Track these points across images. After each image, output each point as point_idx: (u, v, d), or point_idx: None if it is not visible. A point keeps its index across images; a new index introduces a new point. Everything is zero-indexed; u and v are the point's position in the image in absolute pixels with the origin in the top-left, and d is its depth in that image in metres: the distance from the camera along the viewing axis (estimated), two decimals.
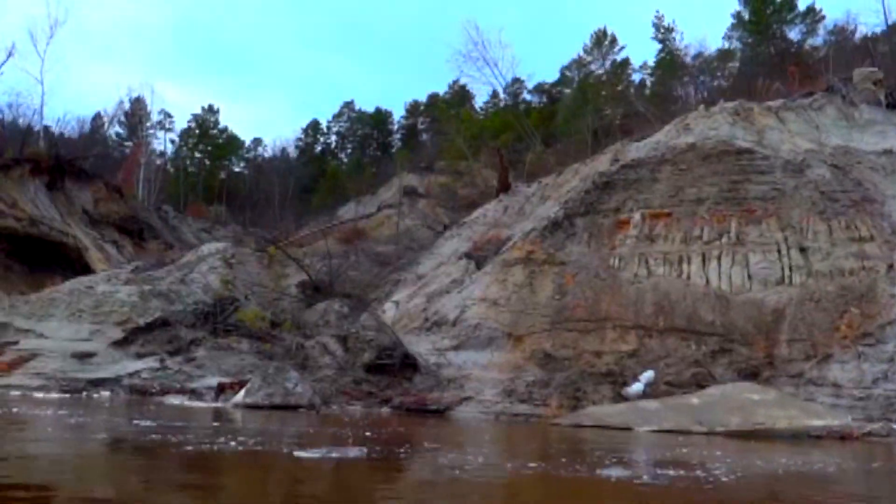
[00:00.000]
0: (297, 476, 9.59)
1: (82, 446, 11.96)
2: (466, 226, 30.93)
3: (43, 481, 8.19)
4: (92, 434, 13.34)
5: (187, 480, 8.97)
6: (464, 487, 9.07)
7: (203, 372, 23.41)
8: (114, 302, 27.31)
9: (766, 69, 60.54)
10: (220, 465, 10.39)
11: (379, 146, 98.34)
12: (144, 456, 10.80)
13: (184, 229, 68.21)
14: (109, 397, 22.00)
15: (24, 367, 24.17)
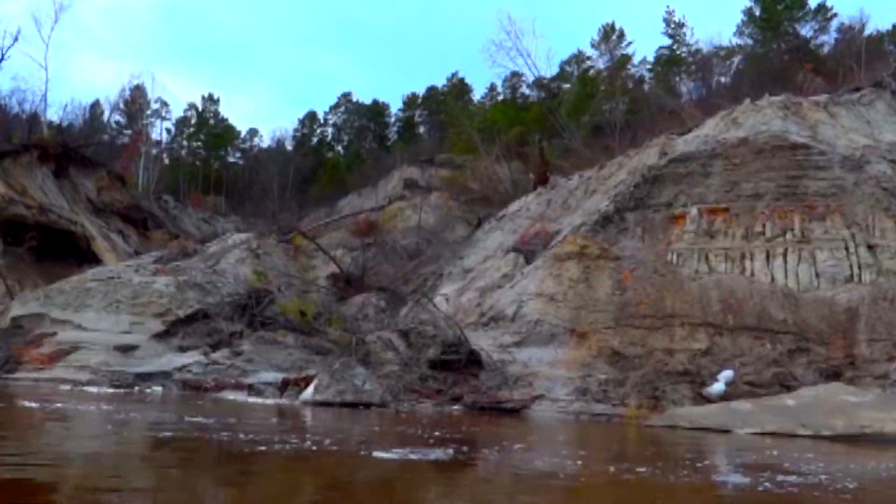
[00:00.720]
0: (386, 478, 9.05)
1: (141, 443, 11.39)
2: (507, 219, 30.26)
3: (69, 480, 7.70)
4: (152, 431, 12.79)
5: (268, 481, 8.47)
6: (573, 494, 8.59)
7: (255, 367, 22.61)
8: (151, 293, 26.43)
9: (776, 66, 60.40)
10: (299, 466, 9.85)
11: (375, 138, 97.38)
12: (218, 456, 10.31)
13: (184, 219, 67.11)
14: (162, 392, 21.09)
15: (65, 359, 23.29)
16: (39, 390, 20.02)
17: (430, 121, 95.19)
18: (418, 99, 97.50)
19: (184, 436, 11.96)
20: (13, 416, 14.24)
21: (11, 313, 25.57)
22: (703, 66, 79.21)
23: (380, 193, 73.25)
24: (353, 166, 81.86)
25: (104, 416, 14.54)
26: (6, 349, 23.75)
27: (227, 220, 72.36)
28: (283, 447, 10.84)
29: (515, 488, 8.93)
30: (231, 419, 14.69)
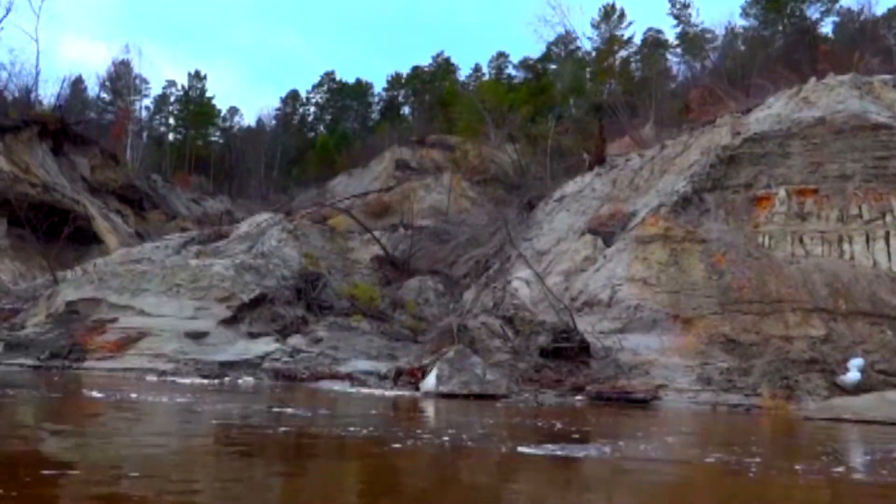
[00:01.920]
0: (546, 479, 8.25)
1: (252, 440, 10.10)
2: (570, 200, 29.17)
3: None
4: (261, 425, 11.85)
5: (422, 481, 7.84)
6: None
7: (343, 354, 21.32)
8: (212, 276, 24.94)
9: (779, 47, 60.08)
10: (445, 465, 9.02)
11: (358, 118, 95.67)
12: (352, 454, 9.45)
13: (173, 199, 64.96)
14: (253, 382, 19.71)
15: (133, 347, 21.76)
16: (117, 381, 18.63)
17: (416, 101, 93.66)
18: (402, 78, 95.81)
19: (302, 430, 11.16)
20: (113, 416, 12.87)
21: (66, 297, 23.81)
22: (692, 46, 79.02)
23: (371, 174, 71.84)
24: (341, 146, 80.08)
25: (225, 411, 13.30)
26: (67, 336, 22.11)
27: (216, 200, 70.27)
28: (414, 443, 9.98)
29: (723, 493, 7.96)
30: (350, 413, 14.16)
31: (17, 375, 19.56)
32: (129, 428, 11.15)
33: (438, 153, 69.88)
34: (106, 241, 46.88)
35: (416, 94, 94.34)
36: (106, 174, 54.64)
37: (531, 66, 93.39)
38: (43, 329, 23.39)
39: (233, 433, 10.82)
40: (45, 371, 20.47)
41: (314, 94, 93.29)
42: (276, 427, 11.28)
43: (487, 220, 36.00)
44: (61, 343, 21.82)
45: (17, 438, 9.50)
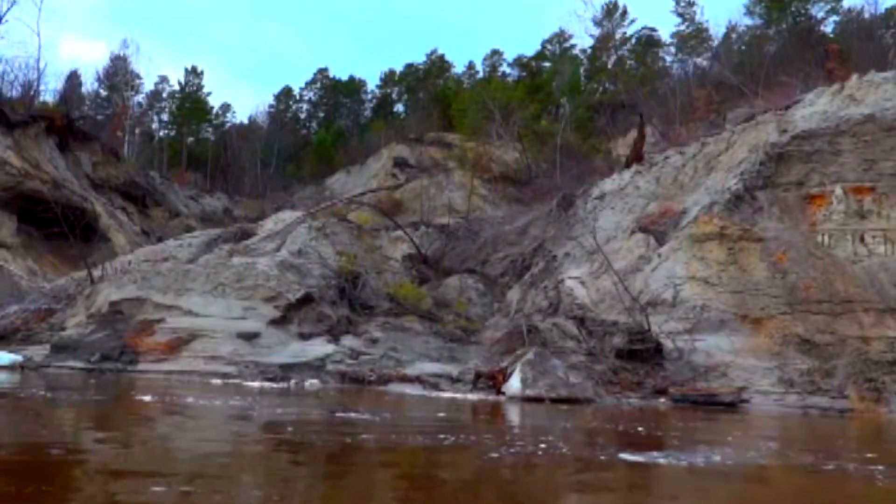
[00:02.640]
0: (661, 489, 7.91)
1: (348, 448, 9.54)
2: (613, 197, 28.65)
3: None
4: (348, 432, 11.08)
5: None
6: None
7: (407, 356, 20.65)
8: (257, 275, 24.19)
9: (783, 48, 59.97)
10: (550, 470, 8.65)
11: (351, 115, 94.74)
12: (447, 463, 8.95)
13: (171, 196, 63.82)
14: (319, 385, 19.04)
15: (185, 348, 21.02)
16: (179, 384, 17.94)
17: (410, 98, 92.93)
18: (396, 76, 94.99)
19: (385, 437, 10.74)
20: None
21: (109, 297, 22.98)
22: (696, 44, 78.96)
23: (369, 172, 71.20)
24: (338, 144, 79.22)
25: (298, 416, 12.65)
26: (116, 338, 21.31)
27: (213, 198, 69.27)
28: (511, 451, 9.60)
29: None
30: (432, 418, 13.83)
31: (68, 378, 18.83)
32: (199, 433, 10.64)
33: (437, 151, 69.37)
34: (113, 240, 45.84)
35: (410, 92, 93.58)
36: (108, 171, 53.53)
37: (525, 63, 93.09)
38: (86, 329, 22.56)
39: (314, 443, 10.21)
40: (99, 374, 19.70)
41: (307, 91, 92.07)
42: (355, 435, 10.74)
43: (516, 217, 35.39)
44: (111, 345, 21.02)
45: (70, 443, 9.01)
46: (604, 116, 64.59)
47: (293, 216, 34.82)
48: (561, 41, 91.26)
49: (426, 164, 68.58)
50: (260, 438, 10.63)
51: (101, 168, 52.88)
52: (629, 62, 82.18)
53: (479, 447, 9.94)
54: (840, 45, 56.46)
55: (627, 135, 61.41)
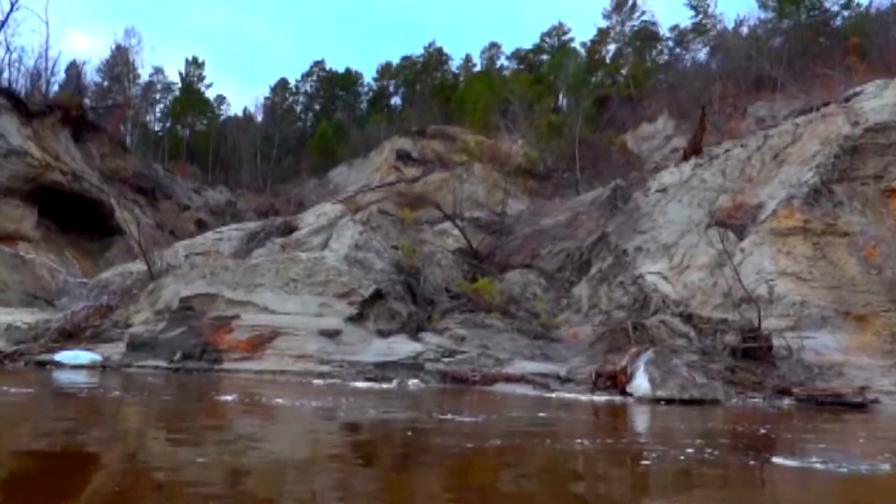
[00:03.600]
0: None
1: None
2: (679, 190, 27.91)
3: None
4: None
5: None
6: None
7: (503, 355, 19.83)
8: (327, 270, 23.32)
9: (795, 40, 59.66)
10: (712, 481, 7.94)
11: (346, 107, 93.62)
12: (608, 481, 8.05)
13: (175, 189, 62.46)
14: (420, 385, 18.21)
15: (269, 347, 20.09)
16: (275, 384, 17.09)
17: (407, 91, 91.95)
18: (392, 68, 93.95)
19: (509, 442, 10.02)
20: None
21: (179, 293, 21.98)
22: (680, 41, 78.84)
23: (371, 165, 70.34)
24: (340, 137, 78.11)
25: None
26: (194, 336, 20.35)
27: (216, 191, 67.93)
28: (658, 457, 8.89)
29: None
30: (555, 420, 13.10)
31: (154, 378, 17.90)
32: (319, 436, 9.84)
33: (439, 144, 68.61)
34: (127, 233, 44.55)
35: (408, 85, 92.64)
36: (116, 163, 52.11)
37: (524, 56, 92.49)
38: (156, 326, 21.58)
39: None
40: (184, 373, 18.76)
41: (303, 84, 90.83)
42: (482, 440, 9.97)
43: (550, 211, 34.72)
44: (190, 343, 20.08)
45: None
46: (609, 109, 64.22)
47: (333, 209, 33.86)
48: (560, 34, 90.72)
49: (429, 157, 67.83)
50: (365, 440, 9.88)
51: (110, 160, 51.47)
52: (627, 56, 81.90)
53: (624, 453, 9.26)
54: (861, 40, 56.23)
55: (637, 128, 61.10)
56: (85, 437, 9.52)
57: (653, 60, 77.00)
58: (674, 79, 64.91)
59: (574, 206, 35.11)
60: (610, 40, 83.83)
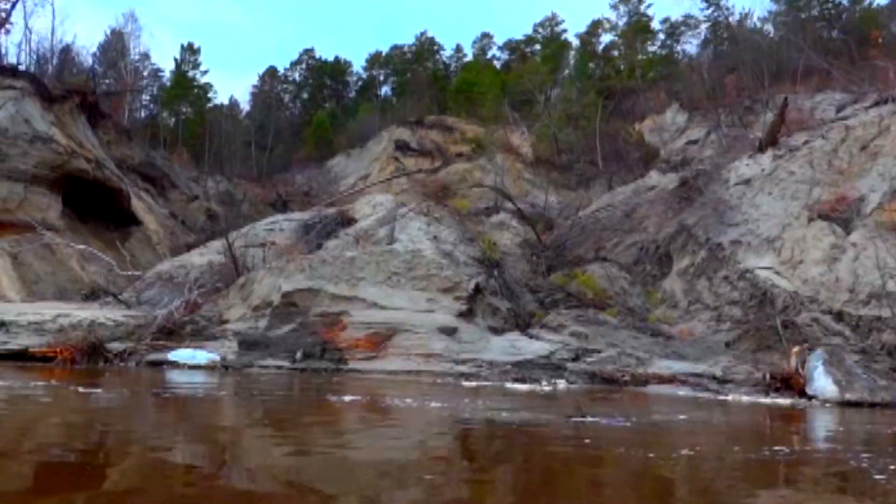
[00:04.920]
0: None
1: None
2: (766, 182, 27.07)
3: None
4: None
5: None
6: None
7: (643, 353, 18.83)
8: (427, 264, 22.16)
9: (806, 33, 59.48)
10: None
11: (335, 97, 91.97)
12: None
13: (179, 178, 60.55)
14: (567, 387, 17.15)
15: (390, 345, 18.90)
16: (413, 386, 15.96)
17: (399, 81, 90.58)
18: (381, 57, 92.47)
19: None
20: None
21: (282, 288, 20.64)
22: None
23: (370, 155, 69.15)
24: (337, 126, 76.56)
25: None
26: (308, 334, 19.07)
27: (214, 180, 65.94)
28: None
29: None
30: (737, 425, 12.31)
31: (283, 378, 16.64)
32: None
33: (438, 134, 67.72)
34: (145, 223, 42.91)
35: (398, 74, 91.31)
36: (121, 150, 50.09)
37: (515, 47, 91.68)
38: (256, 323, 20.30)
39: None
40: (313, 374, 17.49)
41: (292, 72, 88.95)
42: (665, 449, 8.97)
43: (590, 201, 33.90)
44: (308, 341, 18.83)
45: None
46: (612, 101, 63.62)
47: (386, 199, 32.65)
48: (553, 25, 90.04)
49: (428, 148, 66.86)
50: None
51: (115, 147, 49.45)
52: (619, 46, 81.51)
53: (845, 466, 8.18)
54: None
55: (645, 119, 60.53)
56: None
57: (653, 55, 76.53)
58: (685, 71, 64.43)
59: (627, 198, 34.23)
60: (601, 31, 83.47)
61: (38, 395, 12.46)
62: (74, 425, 9.68)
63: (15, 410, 10.85)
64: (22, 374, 14.96)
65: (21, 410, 10.89)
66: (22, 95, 35.93)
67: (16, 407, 11.14)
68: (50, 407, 11.35)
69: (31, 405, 11.45)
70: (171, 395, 13.52)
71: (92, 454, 7.77)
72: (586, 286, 23.53)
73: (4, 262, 31.68)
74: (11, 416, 10.23)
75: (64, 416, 10.48)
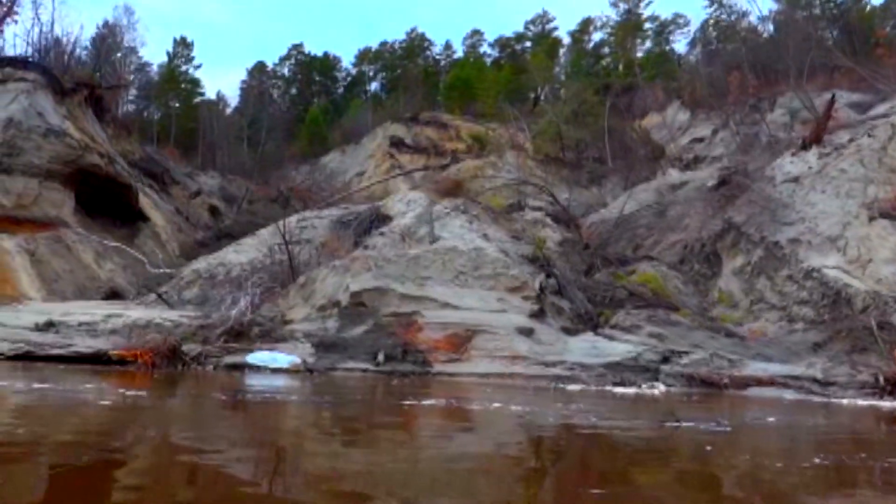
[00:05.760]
0: None
1: None
2: (817, 179, 26.71)
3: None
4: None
5: None
6: None
7: (735, 356, 18.33)
8: (492, 262, 21.53)
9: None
10: None
11: (325, 92, 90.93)
12: None
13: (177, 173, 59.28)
14: (665, 390, 16.59)
15: (471, 346, 18.22)
16: (506, 390, 15.32)
17: (388, 77, 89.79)
18: (371, 53, 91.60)
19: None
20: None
21: (350, 288, 19.88)
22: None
23: (365, 151, 68.48)
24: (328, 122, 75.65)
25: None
26: (385, 335, 18.35)
27: (208, 176, 64.72)
28: None
29: None
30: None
31: (370, 382, 15.91)
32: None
33: (433, 131, 67.30)
34: (152, 219, 41.81)
35: (387, 70, 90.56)
36: (122, 145, 48.79)
37: (505, 44, 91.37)
38: (324, 324, 19.56)
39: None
40: (401, 377, 16.77)
41: (281, 67, 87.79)
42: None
43: (645, 201, 33.40)
44: (387, 343, 18.09)
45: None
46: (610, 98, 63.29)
47: (418, 196, 31.92)
48: (544, 22, 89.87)
49: (423, 145, 66.41)
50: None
51: (117, 142, 48.16)
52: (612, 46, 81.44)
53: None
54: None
55: (645, 117, 60.31)
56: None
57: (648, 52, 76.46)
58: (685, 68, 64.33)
59: (651, 196, 33.87)
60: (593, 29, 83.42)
61: (171, 406, 11.63)
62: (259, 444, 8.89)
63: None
64: (106, 379, 14.03)
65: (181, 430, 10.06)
66: (34, 88, 34.72)
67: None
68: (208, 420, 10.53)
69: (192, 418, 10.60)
70: (287, 402, 12.70)
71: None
72: (651, 286, 22.94)
73: (23, 260, 30.55)
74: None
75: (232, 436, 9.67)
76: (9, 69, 34.58)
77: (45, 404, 10.66)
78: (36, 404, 10.61)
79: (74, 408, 10.48)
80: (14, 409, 10.12)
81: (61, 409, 10.37)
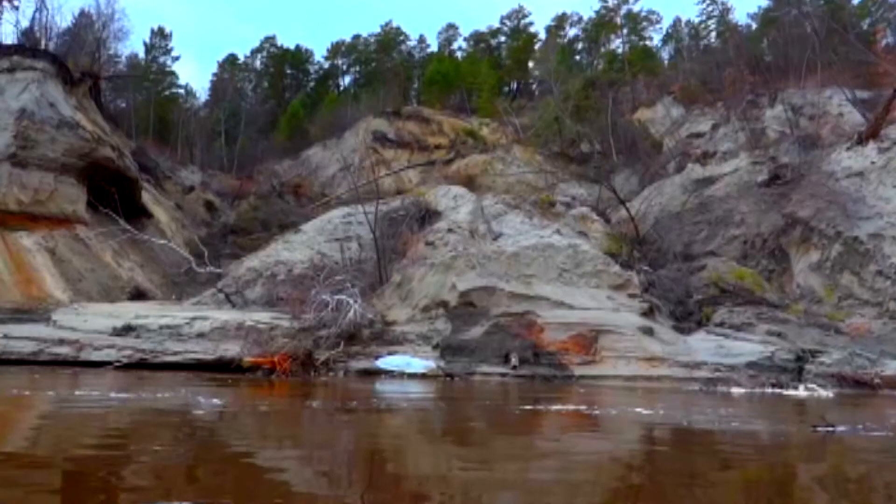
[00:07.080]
0: None
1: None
2: (884, 174, 26.34)
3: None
4: None
5: None
6: None
7: (873, 354, 17.68)
8: (592, 259, 20.57)
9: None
10: None
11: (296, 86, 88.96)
12: None
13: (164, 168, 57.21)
14: (823, 393, 15.85)
15: (600, 347, 17.26)
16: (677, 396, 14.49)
17: (360, 71, 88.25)
18: (342, 46, 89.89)
19: None
20: None
21: (458, 287, 18.79)
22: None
23: (347, 146, 67.02)
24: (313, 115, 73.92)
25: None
26: (508, 336, 17.32)
27: (188, 171, 62.61)
28: None
29: None
30: None
31: (517, 387, 14.93)
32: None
33: (415, 125, 66.22)
34: (155, 215, 40.09)
35: (360, 64, 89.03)
36: (114, 139, 46.75)
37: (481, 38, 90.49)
38: (433, 325, 18.48)
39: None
40: (543, 382, 15.80)
41: (252, 60, 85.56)
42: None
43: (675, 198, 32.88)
44: (515, 345, 17.06)
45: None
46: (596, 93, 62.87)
47: (461, 192, 30.94)
48: (519, 17, 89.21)
49: (406, 139, 65.34)
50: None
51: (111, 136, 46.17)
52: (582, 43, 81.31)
53: None
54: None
55: (636, 112, 59.98)
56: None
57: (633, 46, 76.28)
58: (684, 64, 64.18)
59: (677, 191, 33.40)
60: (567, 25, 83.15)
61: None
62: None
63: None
64: (257, 390, 12.71)
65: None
66: (44, 77, 32.75)
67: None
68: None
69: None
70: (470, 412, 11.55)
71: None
72: (748, 282, 22.25)
73: (45, 259, 28.83)
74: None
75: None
76: (17, 57, 32.51)
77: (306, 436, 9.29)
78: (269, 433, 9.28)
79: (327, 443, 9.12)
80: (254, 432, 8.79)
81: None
